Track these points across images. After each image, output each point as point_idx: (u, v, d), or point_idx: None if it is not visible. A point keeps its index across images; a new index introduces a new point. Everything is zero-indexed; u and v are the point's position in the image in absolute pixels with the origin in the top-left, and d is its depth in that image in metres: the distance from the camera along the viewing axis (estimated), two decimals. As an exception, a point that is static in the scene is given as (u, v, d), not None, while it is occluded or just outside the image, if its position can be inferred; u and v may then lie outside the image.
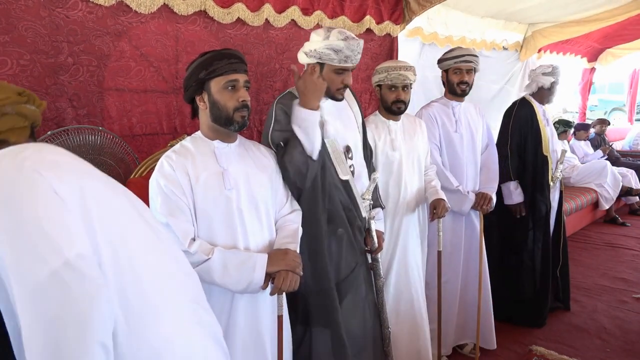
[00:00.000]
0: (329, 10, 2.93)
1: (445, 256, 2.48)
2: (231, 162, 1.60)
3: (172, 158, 1.53)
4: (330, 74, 1.85)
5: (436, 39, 3.89)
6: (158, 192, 1.49)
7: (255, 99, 2.76)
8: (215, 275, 1.47)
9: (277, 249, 1.60)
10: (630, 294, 3.65)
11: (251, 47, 2.65)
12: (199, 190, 1.52)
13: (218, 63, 1.52)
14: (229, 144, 1.63)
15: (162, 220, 1.45)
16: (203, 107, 1.58)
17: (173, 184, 1.49)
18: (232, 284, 1.49)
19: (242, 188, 1.58)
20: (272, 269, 1.53)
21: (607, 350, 2.87)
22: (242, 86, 1.57)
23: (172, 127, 2.43)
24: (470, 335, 2.77)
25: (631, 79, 7.92)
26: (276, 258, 1.55)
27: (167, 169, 1.51)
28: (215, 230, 1.54)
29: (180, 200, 1.49)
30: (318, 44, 1.82)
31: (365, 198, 2.00)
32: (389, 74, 2.29)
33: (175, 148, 1.59)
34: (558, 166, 3.19)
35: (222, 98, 1.54)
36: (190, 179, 1.52)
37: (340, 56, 1.80)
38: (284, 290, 1.54)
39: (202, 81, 1.54)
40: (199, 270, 1.44)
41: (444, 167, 2.61)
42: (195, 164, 1.54)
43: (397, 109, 2.33)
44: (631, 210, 6.00)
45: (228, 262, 1.48)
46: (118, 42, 2.16)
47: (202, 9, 2.33)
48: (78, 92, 2.10)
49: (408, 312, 2.38)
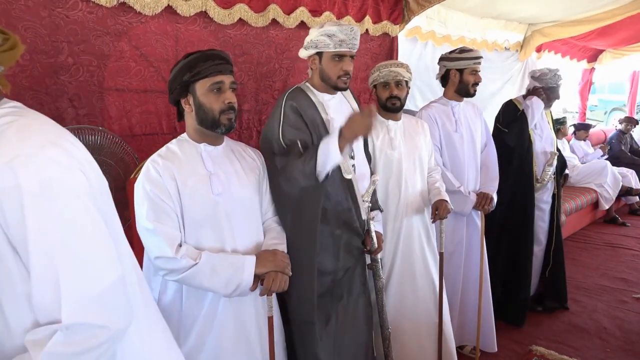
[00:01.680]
0: (336, 10, 2.95)
1: (446, 257, 2.47)
2: (218, 165, 1.58)
3: (159, 162, 1.49)
4: (328, 62, 1.87)
5: (434, 37, 3.89)
6: (144, 198, 1.45)
7: (254, 99, 2.76)
8: (203, 279, 1.45)
9: (265, 250, 1.59)
10: (630, 294, 3.65)
11: (251, 47, 2.65)
12: (185, 195, 1.49)
13: (202, 65, 1.49)
14: (215, 147, 1.60)
15: (149, 227, 1.42)
16: (189, 109, 1.54)
17: (159, 189, 1.45)
18: (221, 287, 1.47)
19: (229, 191, 1.56)
20: (261, 270, 1.51)
21: (607, 350, 2.87)
22: (227, 88, 1.53)
23: (171, 127, 2.43)
24: (470, 338, 2.77)
25: (631, 79, 7.92)
26: (265, 259, 1.54)
27: (153, 173, 1.47)
28: (203, 234, 1.52)
29: (167, 205, 1.46)
30: (313, 34, 1.87)
31: (365, 200, 2.00)
32: (380, 72, 2.33)
33: (161, 152, 1.55)
34: (546, 168, 3.18)
35: (207, 101, 1.50)
36: (177, 183, 1.49)
37: (334, 40, 1.81)
38: (274, 291, 1.53)
39: (187, 84, 1.51)
40: (187, 275, 1.42)
41: (444, 167, 2.61)
42: (181, 168, 1.51)
43: (392, 105, 2.32)
44: (631, 210, 6.00)
45: (216, 265, 1.46)
46: (118, 42, 2.16)
47: (203, 9, 2.33)
48: (78, 92, 2.10)
49: (412, 313, 2.37)
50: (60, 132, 0.94)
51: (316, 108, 1.89)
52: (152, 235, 1.42)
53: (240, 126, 2.75)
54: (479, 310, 2.61)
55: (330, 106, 1.94)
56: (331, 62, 1.87)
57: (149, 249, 1.45)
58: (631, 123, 6.37)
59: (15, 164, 0.81)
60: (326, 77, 1.90)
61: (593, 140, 6.40)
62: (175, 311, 1.51)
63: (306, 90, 1.93)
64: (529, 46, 4.94)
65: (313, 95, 1.92)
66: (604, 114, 11.21)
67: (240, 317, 1.58)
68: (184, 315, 1.51)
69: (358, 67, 3.34)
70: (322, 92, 1.95)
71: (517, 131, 3.07)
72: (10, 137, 0.85)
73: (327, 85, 1.93)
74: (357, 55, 3.30)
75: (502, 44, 4.63)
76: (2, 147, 0.83)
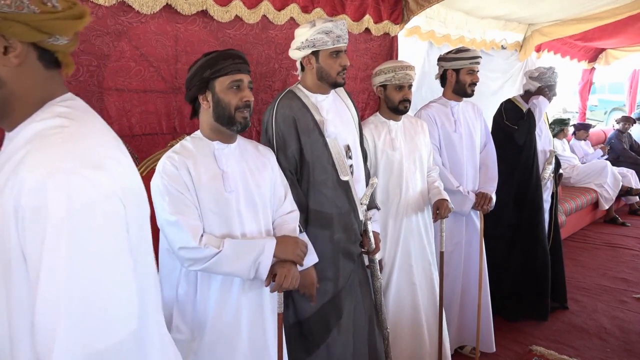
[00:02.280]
0: (329, 8, 2.93)
1: (445, 257, 2.48)
2: (230, 163, 1.60)
3: (174, 158, 1.53)
4: (326, 59, 1.87)
5: (433, 37, 3.89)
6: (164, 192, 1.48)
7: (254, 99, 2.76)
8: (228, 265, 1.48)
9: (287, 235, 1.61)
10: (630, 294, 3.65)
11: (250, 47, 2.65)
12: (200, 190, 1.53)
13: (223, 62, 1.53)
14: (228, 145, 1.62)
15: (171, 219, 1.45)
16: (206, 106, 1.57)
17: (177, 183, 1.49)
18: (244, 271, 1.49)
19: (241, 190, 1.58)
20: (279, 254, 1.54)
21: (607, 350, 2.87)
22: (246, 86, 1.58)
23: (171, 127, 2.43)
24: (469, 338, 2.77)
25: (631, 79, 7.91)
26: (285, 244, 1.56)
27: (170, 168, 1.50)
28: (214, 230, 1.53)
29: (186, 197, 1.49)
30: (307, 33, 1.85)
31: (363, 203, 1.99)
32: (396, 73, 2.28)
33: (176, 148, 1.59)
34: (546, 167, 3.18)
35: (226, 97, 1.54)
36: (193, 178, 1.52)
37: (332, 37, 1.83)
38: (285, 288, 1.54)
39: (207, 80, 1.54)
40: (211, 263, 1.45)
41: (444, 167, 2.61)
42: (196, 164, 1.54)
43: (404, 109, 2.33)
44: (631, 210, 6.00)
45: (239, 250, 1.49)
46: (118, 42, 2.16)
47: (203, 8, 2.33)
48: (78, 92, 2.08)
49: (410, 313, 2.37)
50: (111, 146, 0.86)
51: (309, 111, 1.89)
52: (174, 227, 1.45)
53: (240, 126, 2.75)
54: (479, 311, 2.61)
55: (324, 107, 1.94)
56: (330, 59, 1.87)
57: (172, 240, 1.47)
58: (629, 122, 6.39)
59: (49, 183, 0.73)
60: (325, 74, 1.89)
61: (593, 140, 6.40)
62: (190, 304, 1.54)
63: (298, 93, 1.93)
64: (528, 46, 4.94)
65: (306, 97, 1.92)
66: (604, 114, 11.21)
67: (253, 313, 1.59)
68: (198, 309, 1.53)
69: (358, 67, 3.34)
70: (316, 92, 1.95)
71: (526, 129, 3.08)
72: (55, 146, 0.77)
73: (324, 84, 1.92)
74: (357, 55, 3.31)
75: (499, 43, 4.63)
76: (44, 155, 0.76)
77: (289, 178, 1.84)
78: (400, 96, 2.30)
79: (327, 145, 1.89)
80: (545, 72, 3.13)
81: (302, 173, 1.90)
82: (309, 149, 1.87)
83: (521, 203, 3.10)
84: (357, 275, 2.00)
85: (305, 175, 1.90)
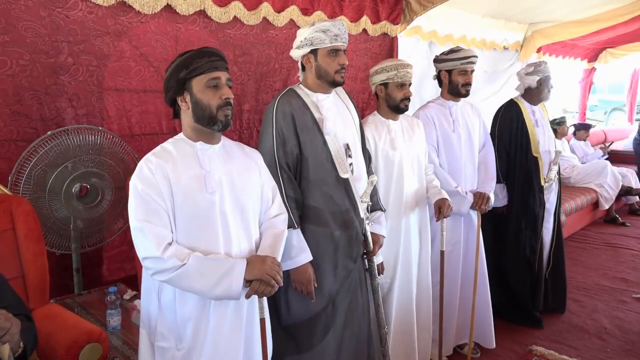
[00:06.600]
0: (329, 10, 2.94)
1: (445, 255, 2.48)
2: (214, 164, 1.55)
3: (152, 161, 1.48)
4: (325, 58, 1.88)
5: (435, 37, 3.89)
6: (135, 196, 1.44)
7: (254, 99, 2.76)
8: (191, 281, 1.42)
9: (257, 256, 1.55)
10: (630, 294, 3.65)
11: (251, 47, 2.65)
12: (179, 194, 1.47)
13: (198, 61, 1.48)
14: (212, 145, 1.58)
15: (137, 225, 1.41)
16: (185, 107, 1.53)
17: (150, 188, 1.44)
18: (209, 290, 1.43)
19: (225, 191, 1.54)
20: (249, 276, 1.47)
21: (607, 350, 2.87)
22: (224, 84, 1.52)
23: (171, 126, 2.43)
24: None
25: (631, 79, 7.91)
26: (253, 266, 1.49)
27: (145, 172, 1.46)
28: (196, 234, 1.49)
29: (158, 204, 1.44)
30: (306, 32, 1.87)
31: (364, 200, 1.99)
32: (398, 71, 2.27)
33: (156, 151, 1.54)
34: (552, 167, 3.14)
35: (204, 97, 1.49)
36: (171, 182, 1.47)
37: (329, 35, 1.84)
38: (259, 296, 1.50)
39: (183, 81, 1.50)
40: (174, 276, 1.40)
41: (442, 168, 2.61)
42: (175, 166, 1.49)
43: (404, 107, 2.32)
44: (631, 210, 5.99)
45: (205, 268, 1.42)
46: (118, 42, 2.16)
47: (201, 8, 2.33)
48: (78, 92, 2.10)
49: (409, 314, 2.37)
50: None
51: (308, 109, 1.89)
52: (139, 233, 1.41)
53: (240, 126, 2.75)
54: (474, 304, 2.61)
55: (324, 105, 1.94)
56: (327, 57, 1.87)
57: (137, 247, 1.43)
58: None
59: None
60: (324, 73, 1.89)
61: (593, 141, 6.40)
62: (171, 312, 1.50)
63: (299, 91, 1.94)
64: (529, 46, 4.94)
65: (306, 96, 1.92)
66: (604, 114, 11.22)
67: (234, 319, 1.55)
68: (178, 317, 1.50)
69: (358, 67, 3.34)
70: (317, 92, 1.95)
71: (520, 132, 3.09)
72: None
73: (323, 83, 1.92)
74: (357, 56, 3.31)
75: (500, 44, 4.63)
76: None
77: (286, 173, 1.83)
78: (402, 94, 2.30)
79: (326, 142, 1.89)
80: (540, 64, 3.11)
81: (301, 170, 1.90)
82: (308, 146, 1.87)
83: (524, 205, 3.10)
84: (356, 274, 2.00)
85: (304, 172, 1.90)
